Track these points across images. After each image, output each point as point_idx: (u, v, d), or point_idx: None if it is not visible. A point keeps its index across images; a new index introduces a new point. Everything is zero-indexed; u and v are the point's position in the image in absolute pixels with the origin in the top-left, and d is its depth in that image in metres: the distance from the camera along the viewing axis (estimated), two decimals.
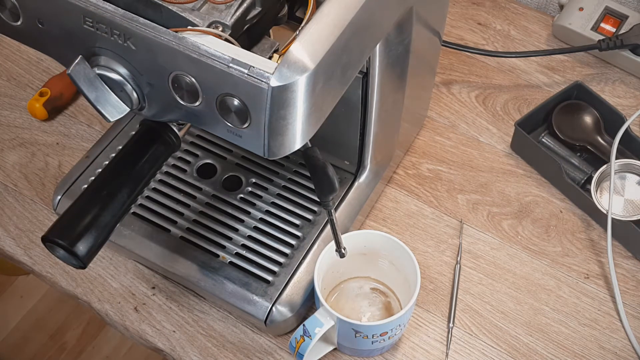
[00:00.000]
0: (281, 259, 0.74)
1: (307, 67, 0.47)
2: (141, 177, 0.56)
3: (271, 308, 0.71)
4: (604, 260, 0.79)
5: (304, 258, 0.74)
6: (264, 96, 0.47)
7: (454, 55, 0.95)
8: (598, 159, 0.84)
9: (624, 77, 0.93)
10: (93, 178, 0.65)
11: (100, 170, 0.71)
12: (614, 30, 0.93)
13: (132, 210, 0.76)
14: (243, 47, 0.49)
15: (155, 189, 0.78)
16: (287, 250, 0.74)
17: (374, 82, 0.67)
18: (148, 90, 0.52)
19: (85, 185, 0.66)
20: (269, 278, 0.73)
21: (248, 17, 0.52)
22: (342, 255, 0.67)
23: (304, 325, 0.67)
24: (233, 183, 0.79)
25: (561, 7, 0.97)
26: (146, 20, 0.49)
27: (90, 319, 1.60)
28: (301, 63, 0.47)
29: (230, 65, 0.47)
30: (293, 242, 0.75)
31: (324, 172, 0.61)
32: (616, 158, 0.81)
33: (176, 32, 0.48)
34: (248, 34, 0.53)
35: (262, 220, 0.76)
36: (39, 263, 0.79)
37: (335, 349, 0.73)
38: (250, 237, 0.75)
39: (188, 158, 0.80)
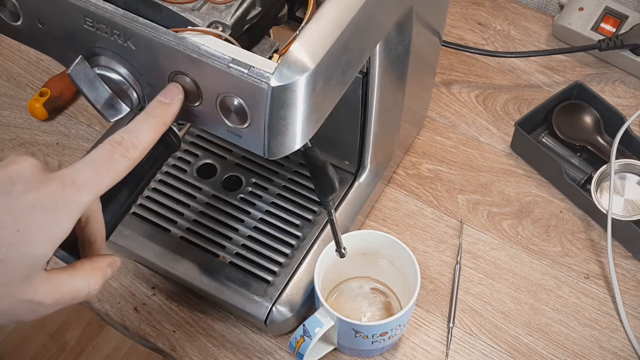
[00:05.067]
0: (281, 259, 0.74)
1: (307, 67, 0.47)
2: (141, 177, 0.56)
3: (271, 308, 0.71)
4: (604, 260, 0.79)
5: (304, 258, 0.74)
6: (264, 96, 0.47)
7: (454, 55, 0.95)
8: (598, 159, 0.84)
9: (624, 77, 0.93)
10: None
11: None
12: (614, 30, 0.93)
13: (132, 210, 0.76)
14: (243, 47, 0.49)
15: (155, 189, 0.78)
16: (287, 250, 0.74)
17: (374, 82, 0.67)
18: (148, 90, 0.52)
19: None
20: (269, 278, 0.73)
21: (248, 17, 0.52)
22: (342, 255, 0.67)
23: (304, 325, 0.67)
24: (233, 183, 0.79)
25: (561, 7, 0.97)
26: (146, 20, 0.49)
27: (90, 319, 1.60)
28: (301, 63, 0.47)
29: (230, 65, 0.47)
30: (293, 242, 0.75)
31: (324, 172, 0.61)
32: (616, 158, 0.81)
33: (176, 32, 0.48)
34: (248, 34, 0.53)
35: (262, 220, 0.76)
36: None
37: (335, 349, 0.73)
38: (250, 237, 0.75)
39: (188, 158, 0.80)
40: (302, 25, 0.50)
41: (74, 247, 0.51)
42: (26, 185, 0.43)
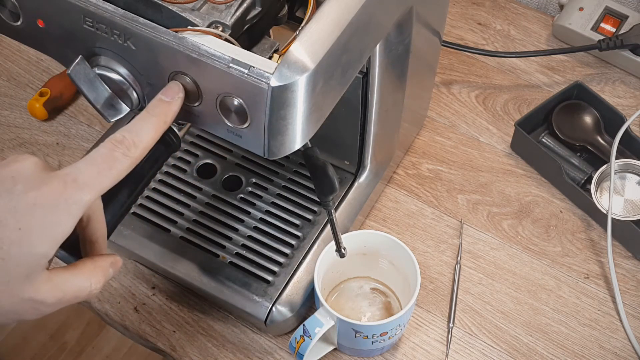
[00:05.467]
0: (281, 259, 0.74)
1: (307, 67, 0.47)
2: (141, 177, 0.56)
3: (271, 308, 0.71)
4: (604, 260, 0.79)
5: (304, 258, 0.74)
6: (264, 96, 0.47)
7: (454, 55, 0.95)
8: (598, 159, 0.84)
9: (624, 77, 0.93)
10: None
11: None
12: (614, 30, 0.93)
13: (132, 210, 0.76)
14: (243, 47, 0.49)
15: (155, 189, 0.78)
16: (287, 250, 0.74)
17: (374, 82, 0.67)
18: (148, 90, 0.52)
19: None
20: (269, 278, 0.73)
21: (248, 17, 0.52)
22: (342, 255, 0.67)
23: (304, 325, 0.67)
24: (233, 183, 0.79)
25: (561, 7, 0.97)
26: (146, 20, 0.49)
27: (90, 319, 1.60)
28: (301, 63, 0.47)
29: (230, 65, 0.47)
30: (293, 242, 0.75)
31: (324, 172, 0.61)
32: (616, 158, 0.81)
33: (176, 32, 0.48)
34: (248, 34, 0.53)
35: (262, 220, 0.76)
36: None
37: (335, 349, 0.73)
38: (250, 237, 0.75)
39: (188, 158, 0.80)
40: (302, 25, 0.50)
41: (75, 247, 0.51)
42: (28, 184, 0.43)
